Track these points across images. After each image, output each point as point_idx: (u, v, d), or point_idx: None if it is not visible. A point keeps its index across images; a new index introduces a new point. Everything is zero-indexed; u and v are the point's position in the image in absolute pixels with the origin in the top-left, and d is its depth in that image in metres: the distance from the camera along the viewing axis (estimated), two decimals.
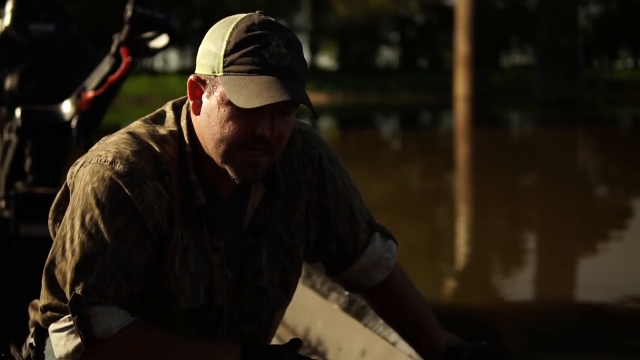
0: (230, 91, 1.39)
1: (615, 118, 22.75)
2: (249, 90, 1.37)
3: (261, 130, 1.41)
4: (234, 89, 1.38)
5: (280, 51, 1.40)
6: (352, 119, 24.98)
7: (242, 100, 1.37)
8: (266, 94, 1.36)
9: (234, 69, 1.40)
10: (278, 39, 1.40)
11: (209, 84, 1.44)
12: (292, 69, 1.40)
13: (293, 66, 1.40)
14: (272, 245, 1.59)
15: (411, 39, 48.64)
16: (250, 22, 1.42)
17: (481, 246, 6.32)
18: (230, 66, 1.40)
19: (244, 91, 1.37)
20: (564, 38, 26.98)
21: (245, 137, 1.42)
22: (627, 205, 8.27)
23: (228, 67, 1.40)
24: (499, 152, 13.82)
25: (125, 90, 30.11)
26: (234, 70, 1.40)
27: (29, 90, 3.30)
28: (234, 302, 1.56)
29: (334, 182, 1.65)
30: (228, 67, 1.40)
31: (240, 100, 1.37)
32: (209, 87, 1.44)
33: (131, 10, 2.81)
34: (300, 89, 1.40)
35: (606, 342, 3.81)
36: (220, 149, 1.43)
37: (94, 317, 1.40)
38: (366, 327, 2.63)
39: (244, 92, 1.37)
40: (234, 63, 1.40)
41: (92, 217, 1.42)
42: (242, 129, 1.41)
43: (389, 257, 1.72)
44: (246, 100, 1.37)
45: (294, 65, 1.41)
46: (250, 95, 1.37)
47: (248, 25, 1.41)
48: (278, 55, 1.39)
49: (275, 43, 1.40)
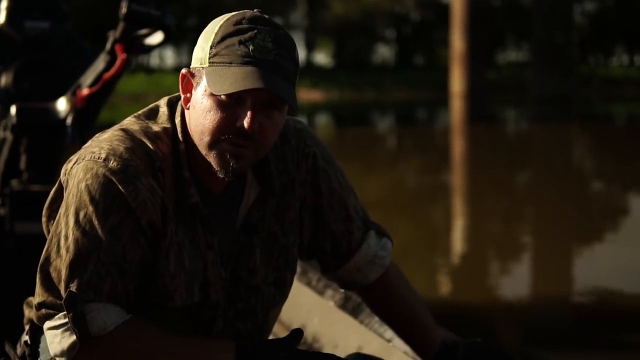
0: (209, 80, 1.39)
1: (610, 115, 22.78)
2: (226, 78, 1.37)
3: (240, 123, 1.40)
4: (214, 78, 1.39)
5: (266, 45, 1.39)
6: (348, 116, 24.97)
7: (218, 87, 1.38)
8: (241, 81, 1.36)
9: (217, 60, 1.40)
10: (265, 33, 1.40)
11: (197, 77, 1.45)
12: (277, 64, 1.39)
13: (278, 61, 1.40)
14: (266, 243, 1.58)
15: (407, 36, 48.64)
16: (241, 17, 1.42)
17: (477, 243, 6.33)
18: (215, 57, 1.40)
19: (222, 80, 1.38)
20: (560, 35, 26.99)
21: (225, 128, 1.41)
22: (623, 202, 8.29)
23: (212, 58, 1.41)
24: (495, 148, 13.83)
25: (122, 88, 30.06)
26: (217, 61, 1.40)
27: (24, 88, 3.29)
28: (228, 300, 1.55)
29: (329, 181, 1.65)
30: (212, 58, 1.41)
31: (217, 87, 1.38)
32: (197, 79, 1.45)
33: (126, 7, 2.80)
34: (280, 82, 1.39)
35: (602, 338, 3.82)
36: (205, 139, 1.43)
37: (89, 314, 1.40)
38: (362, 324, 2.63)
39: (220, 81, 1.38)
40: (218, 54, 1.40)
41: (86, 214, 1.42)
42: (222, 120, 1.41)
43: (384, 255, 1.72)
44: (221, 87, 1.37)
45: (280, 60, 1.40)
46: (225, 83, 1.37)
47: (238, 19, 1.42)
48: (262, 48, 1.39)
49: (262, 37, 1.40)
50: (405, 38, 48.58)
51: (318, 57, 51.98)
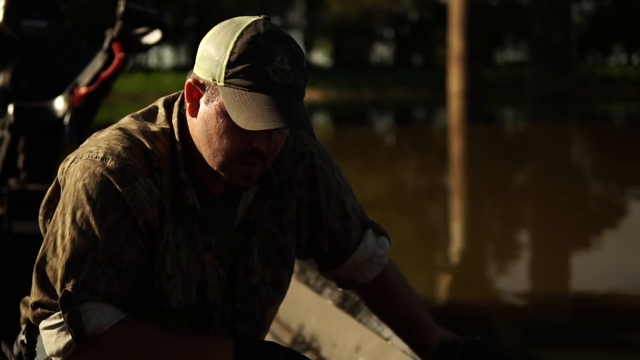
0: (230, 106, 1.37)
1: (608, 114, 22.79)
2: (250, 109, 1.36)
3: (258, 144, 1.41)
4: (234, 105, 1.37)
5: (284, 67, 1.38)
6: (346, 115, 24.98)
7: (243, 120, 1.35)
8: (267, 116, 1.34)
9: (236, 82, 1.38)
10: (282, 54, 1.38)
11: (209, 91, 1.42)
12: (294, 86, 1.39)
13: (295, 83, 1.39)
14: (264, 243, 1.58)
15: (405, 35, 48.64)
16: (256, 33, 1.39)
17: (475, 241, 6.33)
18: (232, 78, 1.38)
19: (244, 109, 1.36)
20: (558, 34, 27.00)
21: (242, 150, 1.41)
22: (621, 200, 8.29)
23: (230, 79, 1.38)
24: (493, 147, 13.84)
25: (120, 88, 30.08)
26: (235, 84, 1.38)
27: (22, 87, 3.29)
28: (225, 300, 1.55)
29: (326, 180, 1.64)
30: (230, 79, 1.38)
31: (241, 119, 1.36)
32: (208, 93, 1.42)
33: (123, 6, 2.80)
34: (301, 111, 1.38)
35: (600, 337, 3.82)
36: (217, 159, 1.43)
37: (84, 314, 1.39)
38: (360, 322, 2.63)
39: (244, 110, 1.36)
40: (236, 76, 1.37)
41: (83, 213, 1.41)
42: (240, 143, 1.41)
43: (382, 254, 1.72)
44: (246, 121, 1.35)
45: (296, 81, 1.39)
46: (251, 116, 1.35)
47: (253, 36, 1.38)
48: (281, 72, 1.37)
49: (280, 59, 1.37)
50: (404, 38, 48.58)
51: (316, 56, 52.00)
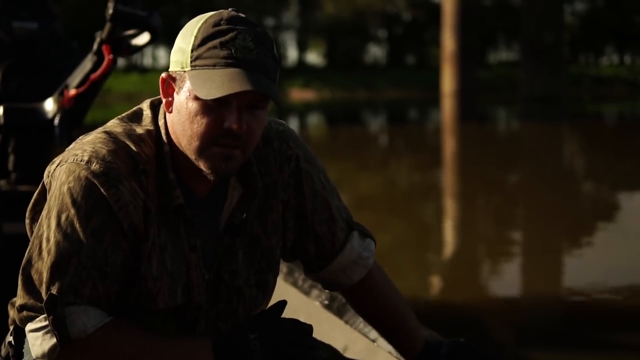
0: (195, 84, 1.40)
1: (600, 114, 22.83)
2: (212, 82, 1.38)
3: (229, 124, 1.41)
4: (199, 82, 1.39)
5: (247, 45, 1.40)
6: (340, 115, 24.97)
7: (205, 91, 1.38)
8: (228, 84, 1.37)
9: (200, 63, 1.40)
10: (245, 33, 1.41)
11: (179, 80, 1.45)
12: (259, 62, 1.41)
13: (260, 60, 1.41)
14: (249, 245, 1.59)
15: (398, 36, 48.69)
16: (219, 18, 1.43)
17: (468, 241, 6.34)
18: (197, 60, 1.41)
19: (207, 84, 1.38)
20: (550, 35, 27.05)
21: (214, 131, 1.42)
22: (613, 200, 8.31)
23: (195, 62, 1.41)
24: (485, 147, 13.86)
25: (116, 88, 29.98)
26: (200, 64, 1.40)
27: (12, 88, 3.29)
28: (210, 301, 1.56)
29: (312, 182, 1.65)
30: (195, 62, 1.41)
31: (203, 92, 1.38)
32: (179, 82, 1.45)
33: (112, 7, 2.80)
34: (265, 81, 1.40)
35: (592, 338, 3.82)
36: (194, 144, 1.44)
37: (69, 317, 1.40)
38: (347, 324, 2.63)
39: (207, 84, 1.38)
40: (200, 57, 1.41)
41: (68, 216, 1.42)
42: (210, 123, 1.42)
43: (367, 256, 1.72)
44: (208, 91, 1.38)
45: (262, 59, 1.41)
46: (212, 87, 1.38)
47: (216, 20, 1.43)
48: (244, 48, 1.40)
49: (242, 37, 1.40)
50: (397, 38, 48.62)
51: (310, 56, 52.03)
